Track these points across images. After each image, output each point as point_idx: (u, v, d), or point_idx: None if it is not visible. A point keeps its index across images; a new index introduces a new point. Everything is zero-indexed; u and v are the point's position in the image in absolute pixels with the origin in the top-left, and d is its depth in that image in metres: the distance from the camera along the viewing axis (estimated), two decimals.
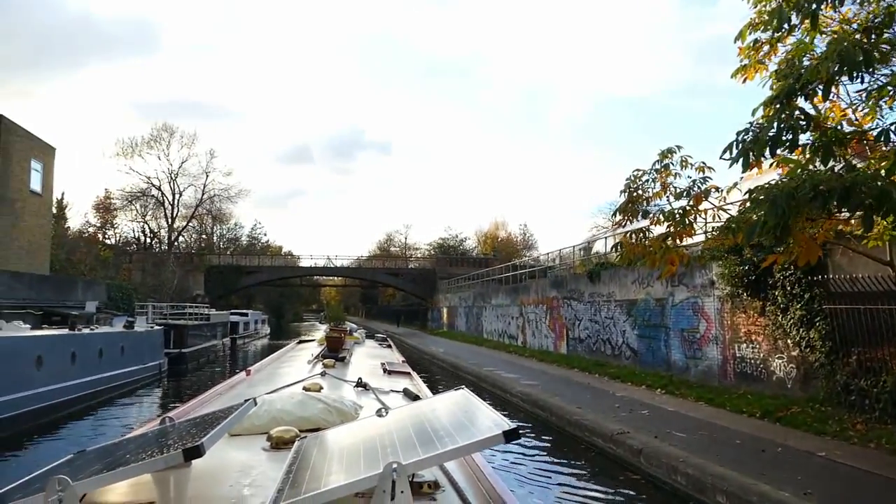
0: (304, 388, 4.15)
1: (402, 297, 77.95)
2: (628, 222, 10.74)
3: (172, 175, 64.72)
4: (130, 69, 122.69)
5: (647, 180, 10.09)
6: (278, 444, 2.87)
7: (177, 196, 65.28)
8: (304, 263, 69.10)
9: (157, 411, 17.61)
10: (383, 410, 2.99)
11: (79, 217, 66.90)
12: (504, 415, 2.27)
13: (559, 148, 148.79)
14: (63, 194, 77.69)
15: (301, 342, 10.02)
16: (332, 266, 66.88)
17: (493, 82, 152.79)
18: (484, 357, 27.94)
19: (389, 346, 9.87)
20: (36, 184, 30.76)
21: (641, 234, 9.91)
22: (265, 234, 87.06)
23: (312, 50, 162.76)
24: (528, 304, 30.81)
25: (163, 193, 64.74)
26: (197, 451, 1.94)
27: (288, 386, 4.62)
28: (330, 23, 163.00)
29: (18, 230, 28.90)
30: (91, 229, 64.16)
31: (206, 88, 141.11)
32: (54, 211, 61.87)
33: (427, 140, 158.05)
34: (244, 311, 53.41)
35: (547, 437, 13.22)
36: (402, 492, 1.86)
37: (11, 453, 12.09)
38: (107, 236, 64.97)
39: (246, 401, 2.80)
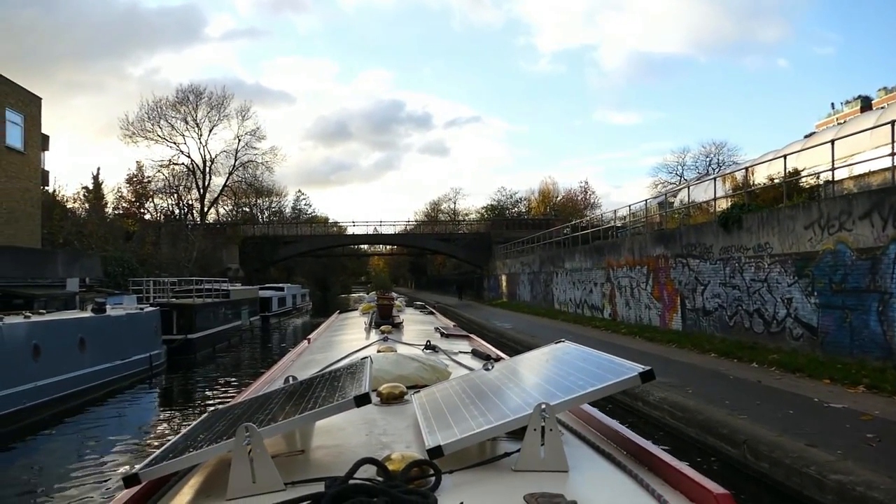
0: (378, 352, 4.09)
1: (455, 266, 72.34)
2: None
3: (202, 141, 59.78)
4: (175, 56, 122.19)
5: None
6: (388, 400, 2.86)
7: (208, 163, 60.35)
8: (347, 232, 63.74)
9: (145, 428, 12.93)
10: (489, 364, 2.99)
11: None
12: None
13: (600, 112, 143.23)
14: (98, 169, 74.09)
15: (342, 313, 10.13)
16: (377, 234, 61.12)
17: (530, 50, 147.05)
18: (567, 335, 21.33)
19: (432, 313, 9.84)
20: (15, 139, 25.54)
21: None
22: (309, 206, 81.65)
23: (344, 27, 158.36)
24: (618, 266, 24.47)
25: (193, 161, 59.91)
26: (366, 398, 1.92)
27: (358, 350, 4.52)
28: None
29: None
30: (125, 204, 59.81)
31: (246, 71, 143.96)
32: (89, 186, 58.09)
33: (466, 111, 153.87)
34: (280, 285, 47.86)
35: None
36: (551, 430, 1.86)
37: None
38: (143, 211, 60.46)
39: (363, 358, 2.73)
